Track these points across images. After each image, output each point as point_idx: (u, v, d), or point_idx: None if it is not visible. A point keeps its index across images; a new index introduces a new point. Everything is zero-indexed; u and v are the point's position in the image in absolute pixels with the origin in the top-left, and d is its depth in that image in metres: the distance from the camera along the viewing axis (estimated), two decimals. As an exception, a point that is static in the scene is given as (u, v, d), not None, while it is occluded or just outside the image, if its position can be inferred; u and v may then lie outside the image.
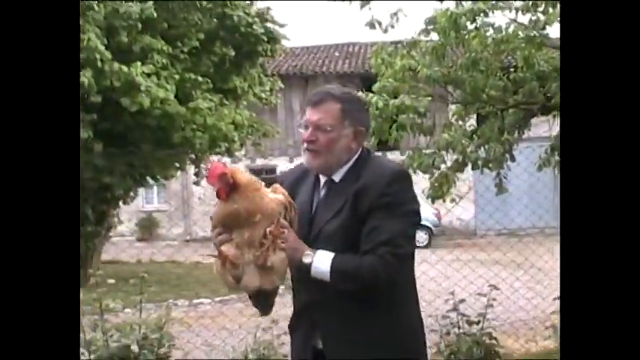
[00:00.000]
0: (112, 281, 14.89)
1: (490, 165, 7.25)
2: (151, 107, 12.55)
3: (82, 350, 5.62)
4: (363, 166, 2.88)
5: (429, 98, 7.13)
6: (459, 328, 6.30)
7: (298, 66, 28.44)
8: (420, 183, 4.62)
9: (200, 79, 13.85)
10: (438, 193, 6.82)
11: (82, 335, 5.54)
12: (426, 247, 21.24)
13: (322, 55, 29.59)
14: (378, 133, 7.03)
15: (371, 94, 7.04)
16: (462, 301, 6.39)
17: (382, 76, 7.43)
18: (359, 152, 2.92)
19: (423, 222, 22.83)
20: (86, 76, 11.64)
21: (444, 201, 6.97)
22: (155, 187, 27.77)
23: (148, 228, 27.82)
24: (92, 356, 5.77)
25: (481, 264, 9.01)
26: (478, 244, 12.58)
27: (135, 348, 5.75)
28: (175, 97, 13.12)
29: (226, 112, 14.14)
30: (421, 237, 22.87)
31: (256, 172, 28.25)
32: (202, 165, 16.44)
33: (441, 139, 6.86)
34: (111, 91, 12.27)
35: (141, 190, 26.15)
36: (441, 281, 8.33)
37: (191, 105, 13.28)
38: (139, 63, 12.35)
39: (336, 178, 2.91)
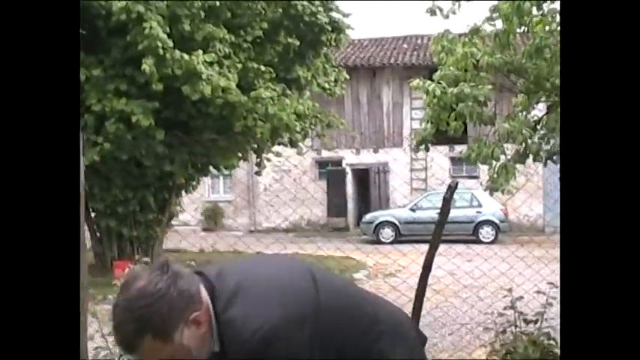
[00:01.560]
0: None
1: (554, 158, 6.95)
2: (212, 96, 12.52)
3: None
4: (223, 335, 2.49)
5: (490, 87, 6.86)
6: (515, 326, 6.02)
7: (365, 58, 28.23)
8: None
9: (263, 68, 13.78)
10: (496, 185, 6.55)
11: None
12: (492, 242, 20.87)
13: (390, 47, 29.33)
14: (436, 122, 6.81)
15: (428, 82, 6.82)
16: (520, 298, 6.11)
17: (443, 64, 7.20)
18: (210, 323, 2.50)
19: (490, 218, 22.74)
20: (147, 64, 11.68)
21: (503, 193, 6.69)
22: (221, 177, 28.02)
23: (213, 217, 28.06)
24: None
25: (545, 262, 8.72)
26: (545, 242, 12.20)
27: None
28: (238, 86, 13.06)
29: (288, 101, 14.02)
30: (487, 233, 22.50)
31: (322, 163, 28.31)
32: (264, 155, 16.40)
33: (502, 129, 6.59)
34: (173, 80, 12.29)
35: (207, 180, 26.51)
36: (501, 278, 8.06)
37: (253, 94, 13.20)
38: (200, 51, 12.32)
39: None
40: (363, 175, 27.71)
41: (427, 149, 7.50)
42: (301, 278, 2.59)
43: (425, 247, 5.51)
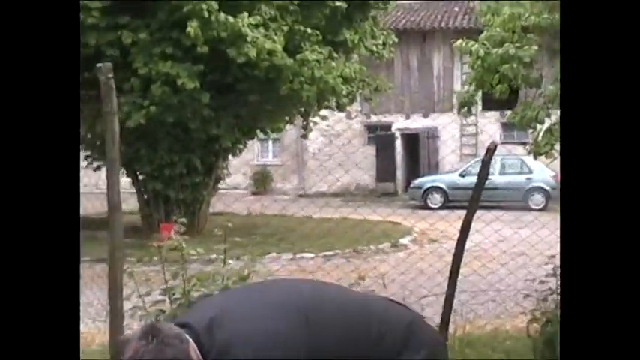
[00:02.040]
0: (219, 232, 15.08)
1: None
2: (258, 59, 12.46)
3: (163, 297, 5.59)
4: None
5: (537, 48, 6.65)
6: (557, 294, 5.89)
7: (416, 21, 27.82)
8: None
9: (309, 31, 13.65)
10: (539, 149, 6.37)
11: (164, 283, 5.52)
12: (542, 210, 20.56)
13: (441, 11, 28.83)
14: (480, 84, 6.64)
15: (472, 42, 6.64)
16: (563, 266, 5.97)
17: (490, 25, 7.01)
18: None
19: (540, 184, 22.38)
20: (192, 27, 11.66)
21: (546, 157, 6.51)
22: (270, 141, 28.07)
23: (261, 182, 28.17)
24: (173, 305, 5.71)
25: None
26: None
27: (217, 297, 5.65)
28: (284, 49, 12.98)
29: (335, 64, 13.88)
30: (538, 200, 22.17)
31: (371, 128, 28.12)
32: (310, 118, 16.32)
33: (548, 92, 6.39)
34: (218, 42, 12.25)
35: (255, 144, 26.58)
36: (545, 246, 7.90)
37: (299, 57, 13.10)
38: (245, 14, 12.24)
39: None
40: (412, 140, 27.46)
41: (470, 112, 7.33)
42: (293, 329, 2.55)
43: (473, 214, 5.41)
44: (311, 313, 2.61)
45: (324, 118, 17.13)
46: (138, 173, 15.05)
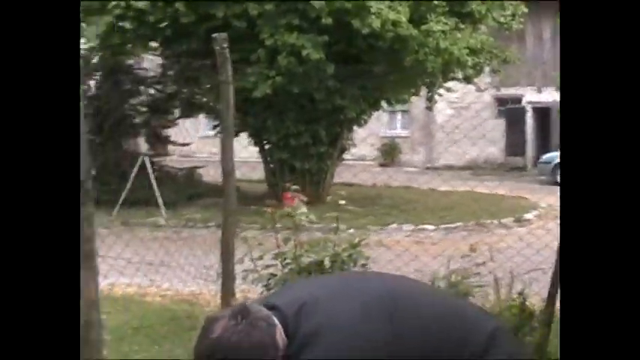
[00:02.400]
0: (342, 202, 15.27)
1: None
2: (382, 30, 12.46)
3: (274, 262, 5.77)
4: None
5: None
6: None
7: (550, -9, 26.93)
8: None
9: (436, 2, 13.52)
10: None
11: (276, 249, 5.69)
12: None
13: (579, -21, 27.74)
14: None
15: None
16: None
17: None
18: None
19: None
20: (317, -2, 11.83)
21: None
22: (398, 113, 27.99)
23: (389, 153, 28.16)
24: (284, 269, 5.89)
25: None
26: None
27: (327, 264, 5.79)
28: (409, 20, 12.91)
29: (460, 35, 13.70)
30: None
31: (501, 101, 27.54)
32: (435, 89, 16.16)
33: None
34: (342, 14, 12.33)
35: (383, 115, 26.58)
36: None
37: (424, 28, 13.01)
38: (370, -16, 12.28)
39: None
40: (543, 114, 26.68)
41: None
42: (377, 319, 2.57)
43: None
44: (397, 312, 2.64)
45: (449, 90, 16.95)
46: (265, 143, 15.40)
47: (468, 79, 15.96)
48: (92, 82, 16.04)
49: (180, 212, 13.81)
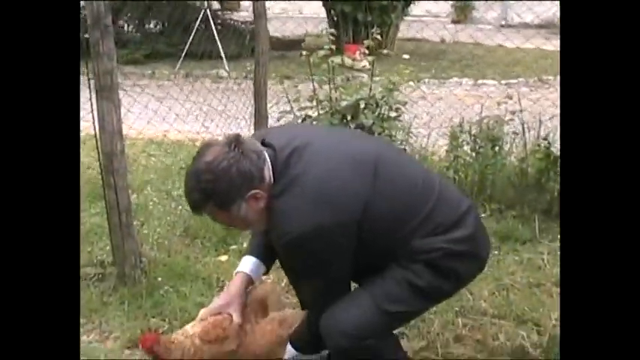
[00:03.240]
0: (406, 56, 15.19)
1: None
2: None
3: (311, 103, 5.91)
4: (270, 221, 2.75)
5: None
6: None
7: None
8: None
9: None
10: None
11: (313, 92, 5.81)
12: None
13: None
14: None
15: None
16: None
17: None
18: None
19: None
20: None
21: None
22: (476, -31, 27.05)
23: (462, 10, 27.36)
24: (321, 111, 6.03)
25: None
26: None
27: (362, 105, 5.90)
28: None
29: None
30: None
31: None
32: None
33: None
34: None
35: (457, -30, 25.74)
36: None
37: None
38: None
39: None
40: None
41: None
42: (362, 174, 2.71)
43: None
44: (381, 173, 2.75)
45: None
46: (327, -6, 15.29)
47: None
48: None
49: (243, 64, 13.97)
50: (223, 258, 4.83)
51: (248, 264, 3.15)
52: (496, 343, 3.79)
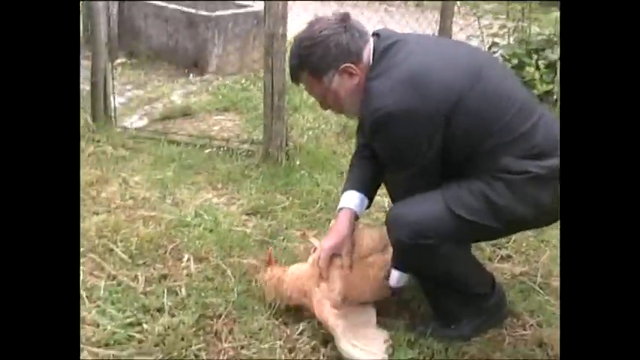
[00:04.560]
0: None
1: None
2: None
3: (502, 30, 5.80)
4: (363, 101, 2.72)
5: None
6: None
7: None
8: None
9: None
10: None
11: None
12: None
13: None
14: None
15: None
16: None
17: None
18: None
19: None
20: None
21: None
22: None
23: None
24: (511, 40, 5.91)
25: None
26: None
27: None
28: None
29: None
30: None
31: None
32: None
33: None
34: None
35: None
36: None
37: None
38: None
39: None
40: None
41: None
42: (462, 73, 2.67)
43: None
44: (485, 73, 2.72)
45: None
46: None
47: None
48: None
49: None
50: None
51: (353, 199, 3.05)
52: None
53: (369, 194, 3.09)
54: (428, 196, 2.75)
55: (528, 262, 3.77)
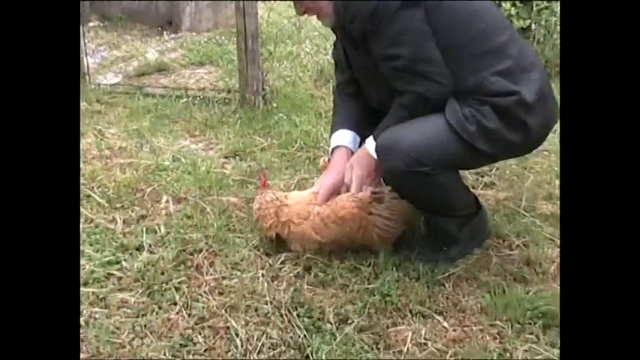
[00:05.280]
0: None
1: None
2: None
3: None
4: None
5: None
6: None
7: None
8: None
9: None
10: None
11: None
12: None
13: None
14: None
15: None
16: None
17: None
18: None
19: None
20: None
21: None
22: None
23: None
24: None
25: None
26: None
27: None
28: None
29: None
30: None
31: None
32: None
33: None
34: None
35: None
36: None
37: None
38: None
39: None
40: None
41: None
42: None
43: None
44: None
45: None
46: None
47: None
48: None
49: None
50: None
51: (346, 137, 3.00)
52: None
53: (360, 132, 3.03)
54: (421, 120, 2.69)
55: (512, 188, 3.73)
